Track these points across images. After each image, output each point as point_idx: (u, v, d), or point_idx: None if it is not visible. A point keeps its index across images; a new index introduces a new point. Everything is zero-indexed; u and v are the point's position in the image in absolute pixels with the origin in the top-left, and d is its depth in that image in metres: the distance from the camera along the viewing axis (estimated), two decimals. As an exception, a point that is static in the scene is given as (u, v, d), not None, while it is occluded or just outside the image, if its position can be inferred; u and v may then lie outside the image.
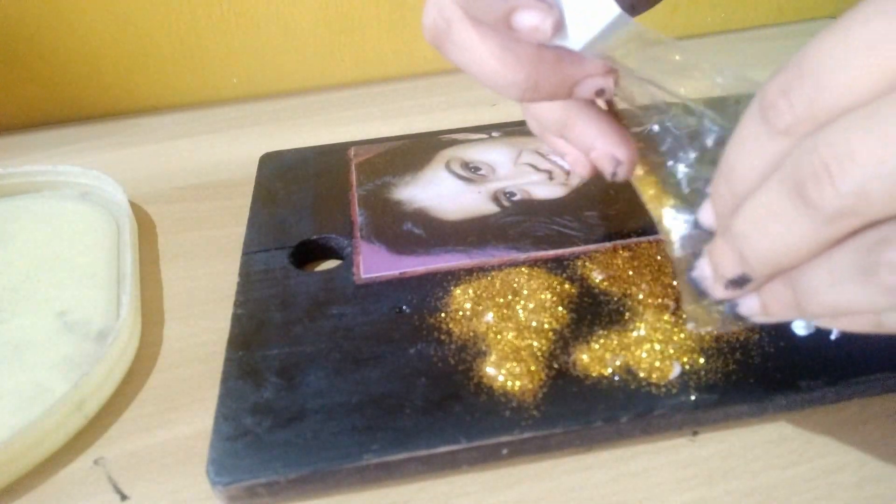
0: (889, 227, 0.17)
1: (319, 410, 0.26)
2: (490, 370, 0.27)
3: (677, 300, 0.30)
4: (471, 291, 0.31)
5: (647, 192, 0.25)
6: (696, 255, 0.23)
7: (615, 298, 0.30)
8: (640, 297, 0.30)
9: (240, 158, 0.46)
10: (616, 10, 0.22)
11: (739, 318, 0.22)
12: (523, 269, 0.32)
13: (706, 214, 0.22)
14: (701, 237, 0.23)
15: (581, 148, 0.28)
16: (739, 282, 0.21)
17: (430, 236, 0.35)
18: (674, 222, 0.24)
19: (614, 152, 0.27)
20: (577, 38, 0.23)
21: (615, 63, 0.23)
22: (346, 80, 0.58)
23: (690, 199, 0.23)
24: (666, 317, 0.29)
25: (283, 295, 0.32)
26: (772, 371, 0.26)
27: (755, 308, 0.21)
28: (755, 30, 0.65)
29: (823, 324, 0.22)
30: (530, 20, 0.22)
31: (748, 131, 0.19)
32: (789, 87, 0.18)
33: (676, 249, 0.24)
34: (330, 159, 0.43)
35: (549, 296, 0.30)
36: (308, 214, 0.38)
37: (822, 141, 0.17)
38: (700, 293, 0.22)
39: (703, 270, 0.22)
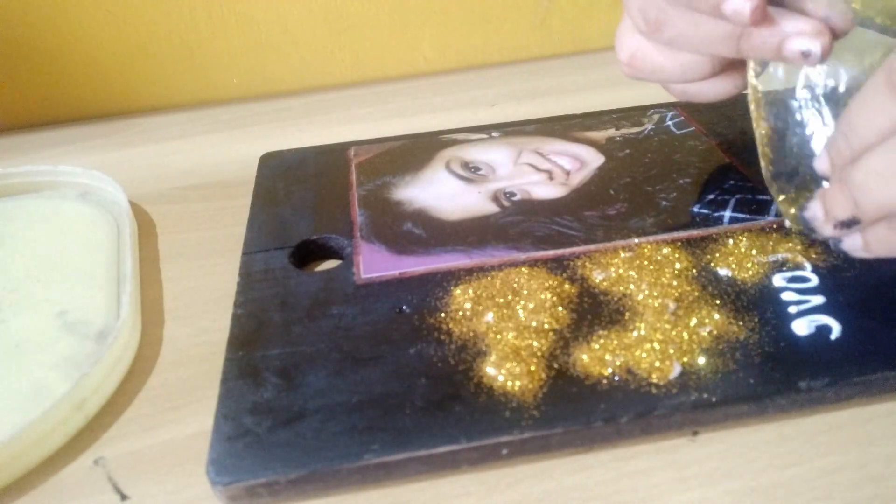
0: None
1: (319, 410, 0.26)
2: (490, 370, 0.27)
3: (677, 300, 0.30)
4: (471, 291, 0.31)
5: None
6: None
7: (615, 298, 0.30)
8: (640, 297, 0.30)
9: (240, 158, 0.46)
10: None
11: (838, 244, 0.26)
12: (523, 269, 0.32)
13: (822, 163, 0.26)
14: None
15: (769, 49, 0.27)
16: (848, 223, 0.24)
17: (430, 236, 0.35)
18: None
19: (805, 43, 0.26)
20: None
21: None
22: (346, 80, 0.58)
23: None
24: (666, 317, 0.29)
25: (283, 295, 0.32)
26: (772, 371, 0.26)
27: (858, 245, 0.25)
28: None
29: None
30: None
31: (873, 96, 0.22)
32: None
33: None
34: (330, 159, 0.43)
35: (549, 296, 0.30)
36: (308, 214, 0.38)
37: None
38: (809, 230, 0.27)
39: (815, 212, 0.26)
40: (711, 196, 0.37)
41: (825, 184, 0.27)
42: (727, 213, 0.35)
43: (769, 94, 0.30)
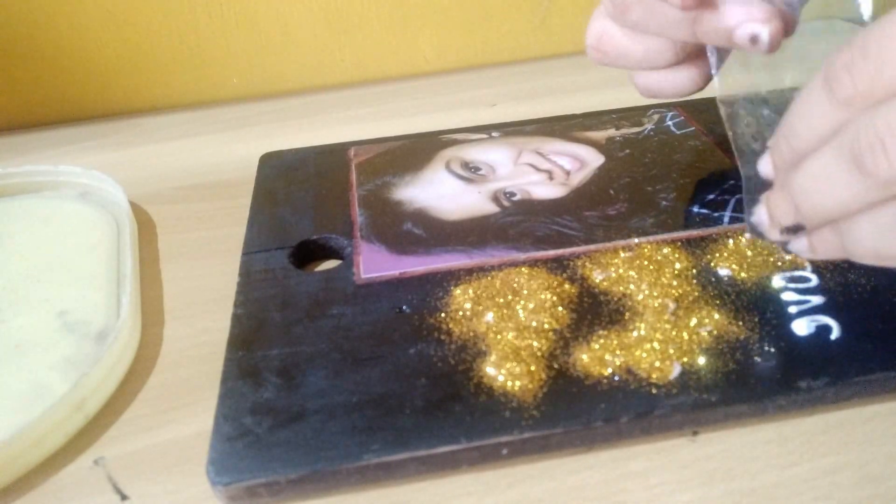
0: None
1: (319, 410, 0.26)
2: (490, 370, 0.27)
3: (677, 300, 0.30)
4: (471, 291, 0.31)
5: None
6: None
7: (615, 298, 0.30)
8: (640, 297, 0.30)
9: (240, 158, 0.46)
10: None
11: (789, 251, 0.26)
12: (523, 269, 0.32)
13: (765, 166, 0.25)
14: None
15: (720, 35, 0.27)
16: (793, 229, 0.24)
17: (430, 236, 0.35)
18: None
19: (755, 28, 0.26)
20: None
21: None
22: (346, 80, 0.58)
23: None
24: (666, 317, 0.29)
25: (283, 295, 0.32)
26: (772, 371, 0.26)
27: (804, 248, 0.25)
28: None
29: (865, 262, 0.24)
30: None
31: (812, 98, 0.22)
32: (853, 64, 0.20)
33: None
34: (330, 159, 0.43)
35: (549, 296, 0.30)
36: (308, 214, 0.38)
37: (879, 117, 0.19)
38: (758, 235, 0.26)
39: (761, 216, 0.25)
40: (711, 196, 0.37)
41: None
42: (727, 214, 0.35)
43: (732, 97, 0.29)
